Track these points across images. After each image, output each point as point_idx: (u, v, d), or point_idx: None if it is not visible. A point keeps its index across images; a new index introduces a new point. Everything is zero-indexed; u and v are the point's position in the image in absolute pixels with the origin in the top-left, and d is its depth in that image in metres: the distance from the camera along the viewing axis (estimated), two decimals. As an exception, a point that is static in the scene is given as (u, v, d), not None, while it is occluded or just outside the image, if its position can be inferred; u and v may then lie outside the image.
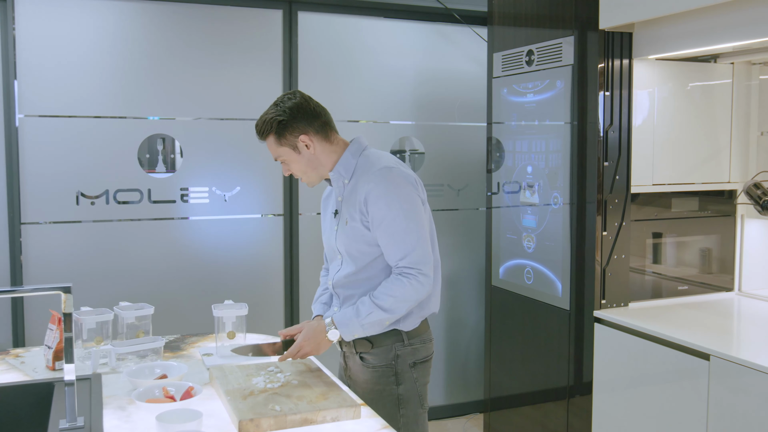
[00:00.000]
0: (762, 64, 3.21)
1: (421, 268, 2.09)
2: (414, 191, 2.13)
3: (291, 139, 2.14)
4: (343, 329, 2.10)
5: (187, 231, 3.65)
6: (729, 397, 2.43)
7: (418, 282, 2.09)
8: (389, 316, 2.09)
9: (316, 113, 2.16)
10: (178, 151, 3.61)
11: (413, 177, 2.17)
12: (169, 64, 3.57)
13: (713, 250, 3.31)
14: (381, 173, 2.11)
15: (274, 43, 3.76)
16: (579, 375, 3.20)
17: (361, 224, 2.13)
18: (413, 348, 2.19)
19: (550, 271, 3.34)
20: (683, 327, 2.77)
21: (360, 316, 2.09)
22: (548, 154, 3.32)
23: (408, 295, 2.08)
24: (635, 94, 3.03)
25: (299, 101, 2.15)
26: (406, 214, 2.09)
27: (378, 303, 2.08)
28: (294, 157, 2.17)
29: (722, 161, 3.23)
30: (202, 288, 3.69)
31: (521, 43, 3.49)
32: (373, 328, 2.11)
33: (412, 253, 2.09)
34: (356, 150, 2.21)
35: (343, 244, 2.20)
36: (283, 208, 3.83)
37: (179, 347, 2.56)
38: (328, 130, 2.19)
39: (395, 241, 2.09)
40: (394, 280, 2.11)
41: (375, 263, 2.17)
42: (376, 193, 2.08)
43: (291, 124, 2.12)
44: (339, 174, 2.19)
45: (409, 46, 4.07)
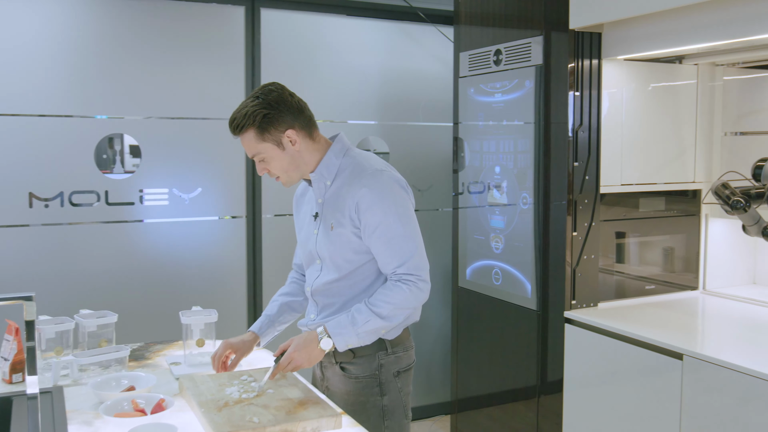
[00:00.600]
0: (726, 65, 3.26)
1: (421, 274, 2.01)
2: (407, 195, 2.05)
3: (276, 134, 1.99)
4: (338, 338, 1.97)
5: (146, 234, 3.52)
6: (702, 396, 2.44)
7: (417, 289, 2.00)
8: (386, 325, 1.99)
9: (300, 107, 2.04)
10: (136, 152, 3.48)
11: (404, 181, 2.08)
12: (127, 61, 3.44)
13: (678, 250, 3.34)
14: (373, 178, 2.00)
15: (236, 40, 3.66)
16: (548, 376, 3.19)
17: (350, 232, 2.03)
18: (397, 356, 2.11)
19: (518, 272, 3.32)
20: (654, 327, 2.78)
21: (356, 325, 1.97)
22: (517, 154, 3.31)
23: (408, 302, 1.99)
24: (604, 95, 3.04)
25: (283, 94, 2.01)
26: (401, 220, 1.99)
27: (376, 311, 1.97)
28: (276, 153, 2.01)
29: (687, 161, 3.26)
30: (163, 293, 3.57)
31: (488, 43, 3.46)
32: (368, 337, 2.00)
33: (411, 260, 2.00)
34: (339, 150, 2.11)
35: (326, 250, 2.09)
36: (245, 210, 3.73)
37: (144, 356, 2.45)
38: (312, 126, 2.08)
39: (392, 248, 1.99)
40: (392, 286, 2.00)
41: (359, 271, 2.07)
42: (369, 198, 1.98)
43: (277, 118, 1.97)
44: (321, 175, 2.08)
45: (373, 45, 4.02)
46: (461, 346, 3.80)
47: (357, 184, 2.00)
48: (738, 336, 2.72)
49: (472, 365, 3.71)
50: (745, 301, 3.18)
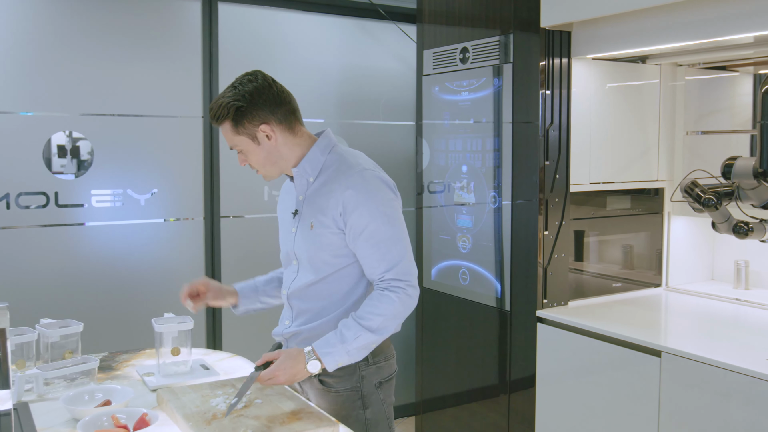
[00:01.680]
0: (687, 65, 3.31)
1: (410, 279, 1.90)
2: (394, 197, 1.96)
3: (250, 128, 1.90)
4: (327, 358, 1.83)
5: (99, 237, 3.34)
6: (681, 393, 2.46)
7: (407, 295, 1.89)
8: (377, 339, 1.87)
9: (280, 100, 1.93)
10: (88, 151, 3.30)
11: (392, 182, 1.99)
12: (78, 55, 3.26)
13: (642, 247, 3.38)
14: (361, 177, 1.91)
15: (193, 35, 3.52)
16: (518, 375, 3.17)
17: (331, 233, 1.93)
18: (378, 366, 2.00)
19: (487, 272, 3.30)
20: (628, 324, 2.79)
21: (346, 341, 1.84)
22: (485, 153, 3.28)
23: (398, 311, 1.87)
24: (573, 93, 3.04)
25: (261, 84, 1.90)
26: (390, 222, 1.89)
27: (365, 324, 1.85)
28: (252, 148, 1.93)
29: (651, 160, 3.30)
30: (120, 300, 3.39)
31: (454, 41, 3.43)
32: (359, 354, 1.87)
33: (399, 264, 1.89)
34: (326, 146, 2.01)
35: (303, 250, 1.99)
36: (203, 211, 3.59)
37: (111, 367, 2.31)
38: (293, 120, 1.97)
39: (379, 251, 1.89)
40: (380, 296, 1.88)
41: (338, 275, 1.97)
42: (356, 200, 1.88)
43: (250, 111, 1.88)
44: (304, 171, 1.98)
45: (332, 42, 3.94)
46: (426, 347, 3.75)
47: (343, 184, 1.90)
48: (710, 332, 2.76)
49: (438, 366, 3.67)
50: (707, 296, 3.24)
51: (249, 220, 3.70)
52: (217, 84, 3.55)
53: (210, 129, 3.55)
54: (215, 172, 3.57)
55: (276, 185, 3.75)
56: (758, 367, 2.25)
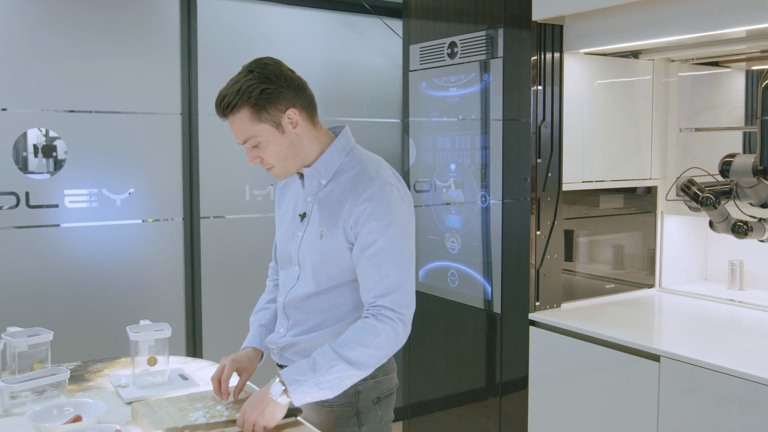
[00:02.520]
0: (680, 61, 3.24)
1: (403, 312, 1.70)
2: (411, 218, 1.80)
3: (275, 114, 1.70)
4: (293, 387, 1.63)
5: (72, 239, 3.20)
6: (681, 399, 2.37)
7: (394, 331, 1.68)
8: (356, 373, 1.67)
9: (301, 84, 1.75)
10: (61, 149, 3.15)
11: (411, 199, 1.81)
12: (50, 49, 3.11)
13: (635, 247, 3.30)
14: (382, 192, 1.72)
15: (171, 29, 3.38)
16: (510, 380, 3.08)
17: (340, 245, 1.77)
18: (376, 381, 1.85)
19: (477, 273, 3.20)
20: (623, 327, 2.71)
21: (318, 371, 1.63)
22: (474, 151, 3.18)
23: (382, 344, 1.67)
24: (565, 89, 2.95)
25: (282, 68, 1.72)
26: (400, 245, 1.71)
27: (342, 354, 1.64)
28: (274, 137, 1.73)
29: (644, 158, 3.22)
30: (94, 305, 3.25)
31: (442, 35, 3.33)
32: (332, 389, 1.67)
33: (396, 293, 1.69)
34: (344, 147, 1.83)
35: (309, 259, 1.83)
36: (182, 211, 3.45)
37: (83, 377, 2.17)
38: (313, 110, 1.80)
39: (379, 273, 1.70)
40: (364, 325, 1.68)
41: (341, 290, 1.81)
42: (371, 214, 1.71)
43: (277, 94, 1.69)
44: (317, 172, 1.81)
45: (315, 37, 3.81)
46: (414, 350, 3.65)
47: (360, 195, 1.72)
48: (708, 335, 2.68)
49: (426, 370, 3.57)
50: (701, 297, 3.17)
51: (230, 221, 3.57)
52: (196, 79, 3.42)
53: (189, 126, 3.42)
54: (194, 170, 3.44)
55: (259, 184, 3.63)
56: (760, 371, 2.17)
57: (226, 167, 3.53)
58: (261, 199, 3.64)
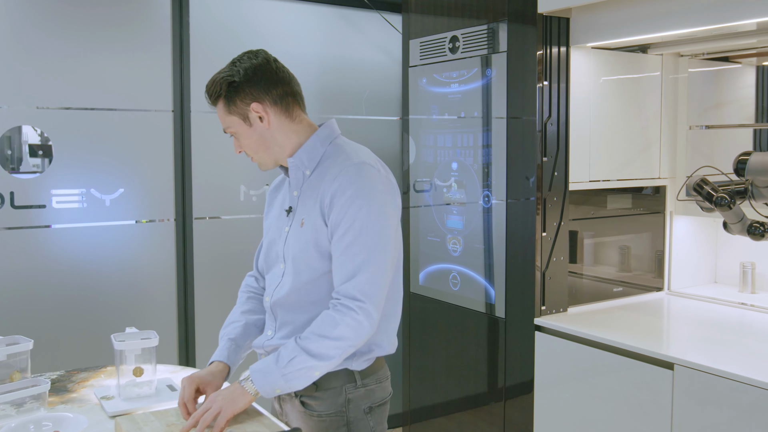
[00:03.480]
0: (690, 56, 3.13)
1: (365, 301, 1.62)
2: (393, 203, 1.72)
3: (241, 107, 1.72)
4: (260, 380, 1.61)
5: (59, 241, 3.08)
6: (696, 409, 2.26)
7: (353, 319, 1.61)
8: (318, 364, 1.62)
9: (277, 79, 1.74)
10: (48, 148, 3.03)
11: (395, 184, 1.75)
12: (37, 44, 2.99)
13: (643, 249, 3.18)
14: (357, 169, 1.68)
15: (163, 24, 3.26)
16: (514, 387, 2.97)
17: (318, 228, 1.70)
18: (367, 390, 1.76)
19: (480, 276, 3.09)
20: (632, 332, 2.59)
21: (280, 362, 1.61)
22: (477, 149, 3.07)
23: (342, 336, 1.61)
24: (571, 85, 2.84)
25: (260, 62, 1.73)
26: (372, 227, 1.64)
27: (303, 345, 1.61)
28: (244, 130, 1.75)
29: (652, 156, 3.11)
30: (81, 310, 3.13)
31: (443, 29, 3.21)
32: (297, 380, 1.62)
33: (359, 277, 1.62)
34: (327, 136, 1.80)
35: (292, 250, 1.75)
36: (174, 212, 3.34)
37: (66, 388, 2.06)
38: (291, 102, 1.77)
39: (345, 256, 1.64)
40: (324, 316, 1.64)
41: (323, 281, 1.72)
42: (344, 190, 1.65)
43: (243, 88, 1.71)
44: (301, 162, 1.77)
45: (311, 32, 3.70)
46: (414, 355, 3.53)
47: (335, 173, 1.68)
48: (722, 341, 2.56)
49: (426, 375, 3.45)
50: (711, 301, 3.06)
51: (224, 222, 3.45)
52: (188, 75, 3.30)
53: (182, 124, 3.30)
54: (187, 170, 3.32)
55: (254, 184, 3.51)
56: (783, 381, 2.06)
57: (219, 166, 3.42)
58: (256, 199, 3.52)
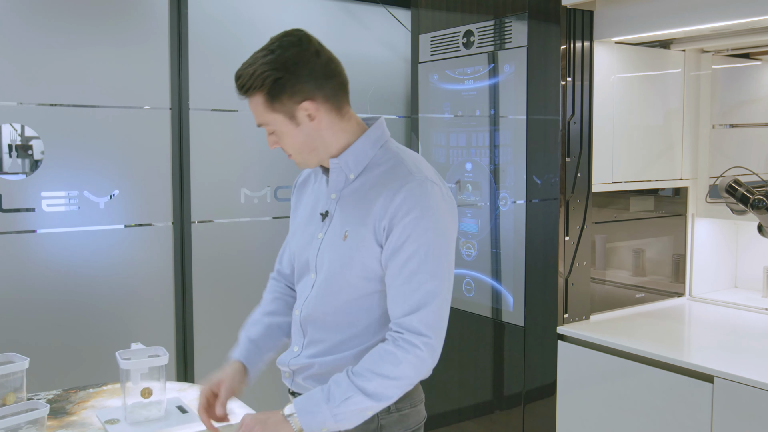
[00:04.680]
0: (713, 52, 3.00)
1: (431, 335, 1.45)
2: (453, 224, 1.54)
3: (289, 105, 1.50)
4: (307, 418, 1.44)
5: (50, 247, 2.89)
6: (738, 424, 2.13)
7: (418, 358, 1.44)
8: (374, 404, 1.46)
9: (329, 71, 1.52)
10: (38, 147, 2.85)
11: (454, 203, 1.57)
12: (25, 36, 2.80)
13: (664, 253, 3.06)
14: (421, 188, 1.47)
15: (159, 16, 3.09)
16: (536, 399, 2.82)
17: (368, 248, 1.51)
18: (401, 414, 1.60)
19: (497, 282, 2.94)
20: (662, 342, 2.47)
21: (332, 401, 1.44)
22: (493, 149, 2.92)
23: (404, 374, 1.45)
24: (595, 82, 2.70)
25: (306, 50, 1.50)
26: (438, 252, 1.47)
27: (359, 384, 1.44)
28: (288, 129, 1.52)
29: (675, 156, 2.99)
30: (74, 322, 2.94)
31: (456, 23, 3.06)
32: (349, 421, 1.46)
33: (426, 309, 1.45)
34: (377, 138, 1.58)
35: (328, 263, 1.57)
36: (172, 215, 3.16)
37: (65, 410, 1.88)
38: (342, 98, 1.55)
39: (409, 285, 1.46)
40: (384, 352, 1.46)
41: (364, 302, 1.55)
42: (407, 211, 1.46)
43: (292, 85, 1.48)
44: (346, 165, 1.56)
45: (313, 26, 3.47)
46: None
47: (397, 191, 1.48)
48: (758, 351, 2.43)
49: (439, 386, 3.30)
50: (734, 307, 2.94)
51: (223, 226, 3.28)
52: (186, 71, 3.13)
53: (179, 122, 3.12)
54: (185, 171, 3.15)
55: (254, 186, 3.34)
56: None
57: (219, 167, 3.24)
58: (257, 201, 3.35)
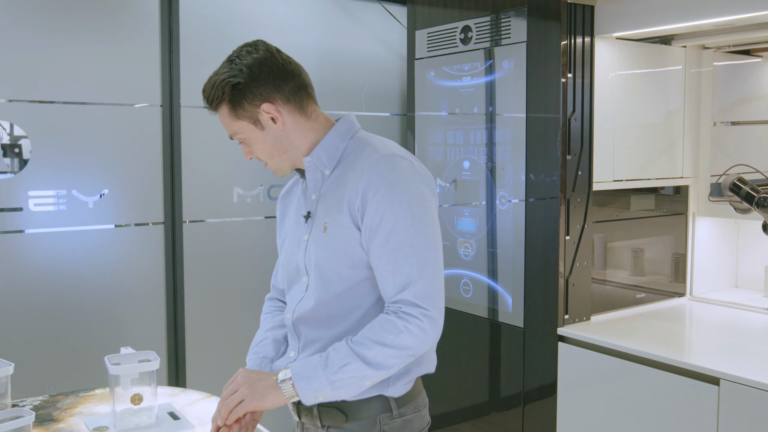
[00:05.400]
0: (714, 48, 2.96)
1: (428, 307, 1.44)
2: (431, 195, 1.52)
3: (250, 110, 1.51)
4: (302, 383, 1.42)
5: (37, 247, 2.82)
6: (745, 427, 2.08)
7: (420, 328, 1.43)
8: (373, 373, 1.43)
9: (286, 73, 1.53)
10: (25, 145, 2.77)
11: (429, 175, 1.55)
12: (10, 31, 2.73)
13: (665, 253, 3.01)
14: (388, 162, 1.47)
15: (150, 11, 3.02)
16: (536, 401, 2.77)
17: (347, 233, 1.49)
18: (405, 420, 1.55)
19: (495, 283, 2.89)
20: (664, 343, 2.42)
21: (330, 367, 1.42)
22: (492, 147, 2.87)
23: (404, 343, 1.43)
24: (596, 78, 2.65)
25: (263, 55, 1.52)
26: (416, 223, 1.45)
27: (358, 351, 1.43)
28: (255, 134, 1.54)
29: (676, 154, 2.94)
30: (62, 323, 2.87)
31: (454, 19, 3.01)
32: (347, 389, 1.44)
33: (419, 283, 1.44)
34: (346, 131, 1.58)
35: (315, 259, 1.54)
36: (163, 215, 3.09)
37: (52, 417, 1.81)
38: (304, 97, 1.56)
39: (395, 261, 1.44)
40: (384, 321, 1.45)
41: (354, 292, 1.52)
42: (377, 186, 1.45)
43: (251, 89, 1.50)
44: (319, 161, 1.56)
45: (307, 22, 3.47)
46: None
47: (363, 167, 1.48)
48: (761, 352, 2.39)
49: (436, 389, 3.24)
50: (736, 307, 2.90)
51: (216, 225, 3.21)
52: (178, 67, 3.06)
53: (170, 120, 3.05)
54: (177, 169, 3.08)
55: (247, 185, 3.27)
56: None
57: (211, 165, 3.17)
58: (250, 200, 3.28)
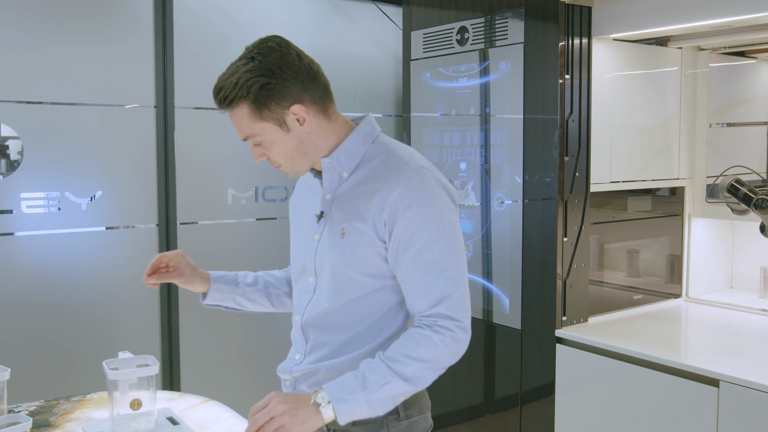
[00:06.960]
0: (710, 50, 2.97)
1: (462, 319, 1.45)
2: (456, 207, 1.51)
3: (278, 112, 1.45)
4: (341, 406, 1.37)
5: (29, 250, 2.78)
6: (744, 429, 2.08)
7: (454, 340, 1.44)
8: (410, 390, 1.42)
9: (312, 73, 1.48)
10: (16, 147, 2.74)
11: (453, 190, 1.53)
12: (2, 31, 2.69)
13: (661, 254, 3.02)
14: (418, 176, 1.45)
15: (144, 11, 2.99)
16: (534, 402, 2.76)
17: (368, 244, 1.48)
18: (411, 422, 1.56)
19: (492, 284, 2.88)
20: (665, 345, 2.42)
21: (369, 388, 1.39)
22: (489, 148, 2.86)
23: (441, 358, 1.43)
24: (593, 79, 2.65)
25: (288, 54, 1.46)
26: (447, 239, 1.45)
27: (397, 369, 1.40)
28: (279, 136, 1.48)
29: (672, 155, 2.94)
30: (55, 327, 2.83)
31: (450, 20, 3.00)
32: (382, 407, 1.42)
33: (451, 298, 1.43)
34: (368, 134, 1.55)
35: (328, 264, 1.52)
36: (157, 217, 3.06)
37: (48, 423, 1.79)
38: (327, 100, 1.52)
39: (428, 277, 1.43)
40: (419, 336, 1.43)
41: (366, 300, 1.51)
42: (408, 203, 1.43)
43: (280, 89, 1.44)
44: (338, 163, 1.53)
45: (302, 22, 3.45)
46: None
47: (392, 182, 1.45)
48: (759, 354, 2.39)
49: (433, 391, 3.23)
50: (731, 308, 2.91)
51: (210, 227, 3.19)
52: (172, 68, 3.03)
53: (164, 120, 3.02)
54: (170, 171, 3.05)
55: (242, 186, 3.25)
56: None
57: (206, 167, 3.15)
58: (245, 202, 3.26)
